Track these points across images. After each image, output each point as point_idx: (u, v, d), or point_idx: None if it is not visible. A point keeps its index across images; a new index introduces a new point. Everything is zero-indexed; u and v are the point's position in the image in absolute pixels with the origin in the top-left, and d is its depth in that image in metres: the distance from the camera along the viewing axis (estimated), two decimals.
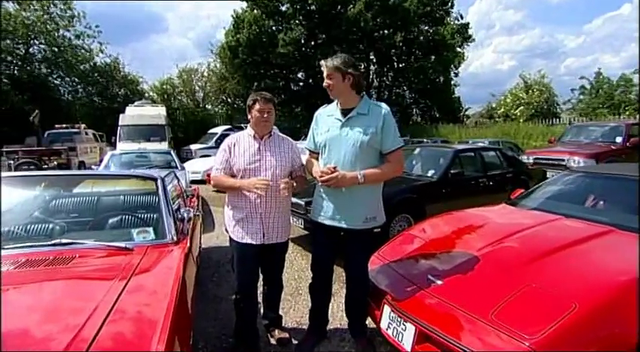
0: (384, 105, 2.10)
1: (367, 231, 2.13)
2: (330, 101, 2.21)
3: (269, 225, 2.20)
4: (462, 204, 4.80)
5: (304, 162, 2.33)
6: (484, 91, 78.10)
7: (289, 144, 2.31)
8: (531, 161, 8.43)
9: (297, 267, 3.95)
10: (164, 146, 11.61)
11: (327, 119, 2.17)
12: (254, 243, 2.18)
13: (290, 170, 2.27)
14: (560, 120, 17.89)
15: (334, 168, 2.01)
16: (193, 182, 8.55)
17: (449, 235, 2.62)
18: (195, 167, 10.23)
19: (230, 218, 2.25)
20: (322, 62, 2.05)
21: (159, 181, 2.47)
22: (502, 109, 23.64)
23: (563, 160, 7.88)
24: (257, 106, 2.16)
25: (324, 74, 2.05)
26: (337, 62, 2.01)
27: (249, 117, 2.22)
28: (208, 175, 2.24)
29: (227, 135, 14.23)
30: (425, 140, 14.92)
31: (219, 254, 4.26)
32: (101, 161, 7.37)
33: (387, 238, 3.32)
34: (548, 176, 7.56)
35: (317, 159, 2.23)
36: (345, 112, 2.09)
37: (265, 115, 2.16)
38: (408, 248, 2.54)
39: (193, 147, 14.75)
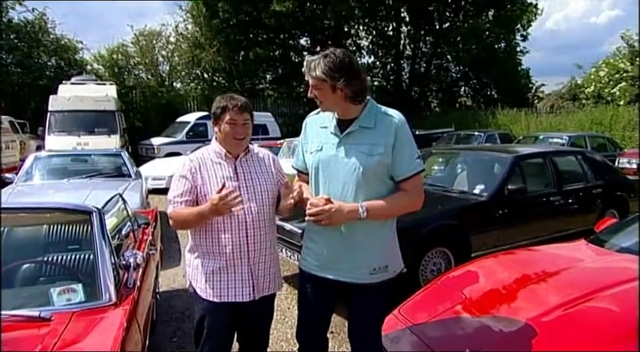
0: (396, 113, 2.09)
1: (377, 286, 2.10)
2: None
3: (259, 273, 2.20)
4: (524, 235, 4.70)
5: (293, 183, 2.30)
6: (566, 59, 74.78)
7: (270, 159, 2.35)
8: (634, 166, 8.26)
9: (292, 322, 3.93)
10: (114, 141, 11.75)
11: (319, 132, 2.16)
12: (241, 300, 2.17)
13: (277, 194, 2.29)
14: None
15: (327, 199, 1.99)
16: (155, 192, 8.59)
17: (504, 287, 2.58)
18: (157, 171, 10.35)
19: (198, 269, 2.23)
20: (305, 63, 2.01)
21: (94, 216, 2.45)
22: (592, 87, 23.06)
23: None
24: (227, 117, 2.12)
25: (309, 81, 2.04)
26: (322, 70, 1.94)
27: (215, 129, 2.22)
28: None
29: (203, 124, 13.99)
30: (476, 132, 14.79)
31: (184, 301, 4.27)
32: (23, 163, 7.30)
33: (417, 283, 3.30)
34: None
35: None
36: (343, 125, 2.08)
37: (239, 130, 2.15)
38: (441, 305, 2.52)
39: (156, 141, 14.89)
